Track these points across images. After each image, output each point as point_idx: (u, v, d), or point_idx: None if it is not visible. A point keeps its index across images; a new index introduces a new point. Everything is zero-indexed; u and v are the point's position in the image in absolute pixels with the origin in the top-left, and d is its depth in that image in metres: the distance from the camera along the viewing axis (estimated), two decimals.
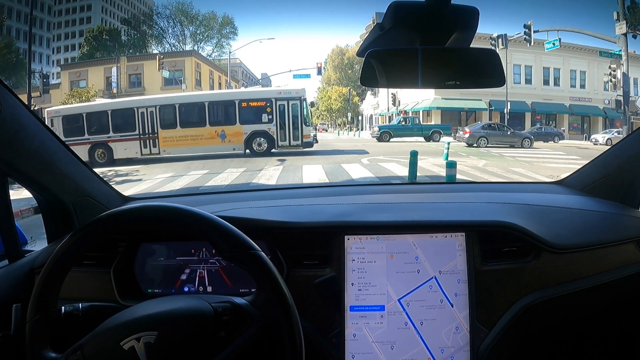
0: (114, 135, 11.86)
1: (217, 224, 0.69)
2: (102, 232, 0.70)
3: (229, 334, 0.66)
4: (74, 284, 0.89)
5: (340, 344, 0.92)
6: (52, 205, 1.04)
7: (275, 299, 0.67)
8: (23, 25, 30.87)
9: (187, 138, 11.95)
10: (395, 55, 0.76)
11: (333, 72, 37.80)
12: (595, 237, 1.00)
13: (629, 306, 1.06)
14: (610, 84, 15.81)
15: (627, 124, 15.47)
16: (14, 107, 0.81)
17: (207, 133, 12.00)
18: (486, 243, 0.96)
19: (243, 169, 8.67)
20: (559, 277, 0.96)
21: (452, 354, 0.92)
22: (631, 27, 14.95)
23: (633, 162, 1.12)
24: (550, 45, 17.56)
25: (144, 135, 11.98)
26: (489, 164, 9.34)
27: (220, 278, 1.00)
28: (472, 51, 0.76)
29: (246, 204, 1.13)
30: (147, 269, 1.01)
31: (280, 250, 0.96)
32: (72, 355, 0.65)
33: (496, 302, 0.94)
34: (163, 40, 32.08)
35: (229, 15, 37.92)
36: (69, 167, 1.01)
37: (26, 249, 1.08)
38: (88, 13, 36.60)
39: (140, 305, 0.70)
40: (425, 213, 1.03)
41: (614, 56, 15.99)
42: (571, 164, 9.14)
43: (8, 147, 0.83)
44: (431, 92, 21.24)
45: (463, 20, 0.73)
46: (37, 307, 0.67)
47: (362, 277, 0.94)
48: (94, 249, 0.80)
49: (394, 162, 9.33)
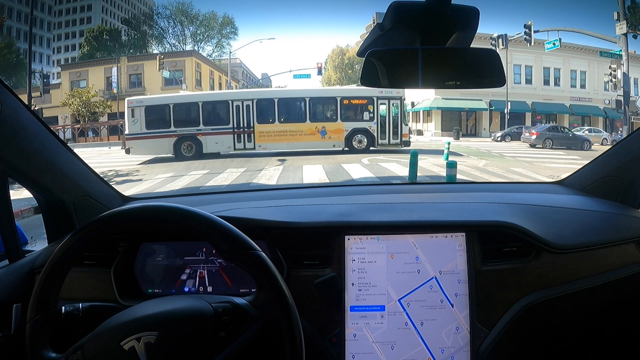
0: (204, 128, 11.60)
1: (217, 224, 0.69)
2: (102, 232, 0.70)
3: (229, 334, 0.66)
4: (74, 284, 0.89)
5: (341, 344, 0.92)
6: (52, 205, 1.04)
7: (275, 299, 0.67)
8: (23, 25, 30.89)
9: (285, 133, 11.82)
10: (396, 55, 0.76)
11: (333, 72, 37.77)
12: (595, 237, 1.00)
13: (629, 306, 1.06)
14: (611, 84, 15.82)
15: (627, 124, 15.47)
16: (14, 107, 0.81)
17: (307, 129, 11.89)
18: (486, 243, 0.96)
19: (243, 169, 8.67)
20: (559, 277, 0.96)
21: (452, 354, 0.92)
22: (631, 27, 14.94)
23: (633, 162, 1.12)
24: (550, 45, 17.56)
25: (238, 129, 11.75)
26: (489, 164, 9.34)
27: (220, 278, 1.00)
28: (472, 51, 0.76)
29: (246, 204, 1.13)
30: (147, 269, 1.01)
31: (280, 250, 0.96)
32: (72, 355, 0.65)
33: (496, 302, 0.94)
34: (163, 40, 32.11)
35: (229, 15, 37.95)
36: (69, 167, 1.01)
37: (26, 249, 1.08)
38: (88, 13, 36.62)
39: (140, 305, 0.70)
40: (426, 213, 1.03)
41: (614, 56, 15.99)
42: (571, 164, 9.14)
43: (8, 147, 0.83)
44: (431, 92, 21.22)
45: (463, 20, 0.73)
46: (37, 307, 0.67)
47: (363, 277, 0.94)
48: (94, 249, 0.80)
49: (394, 162, 9.33)
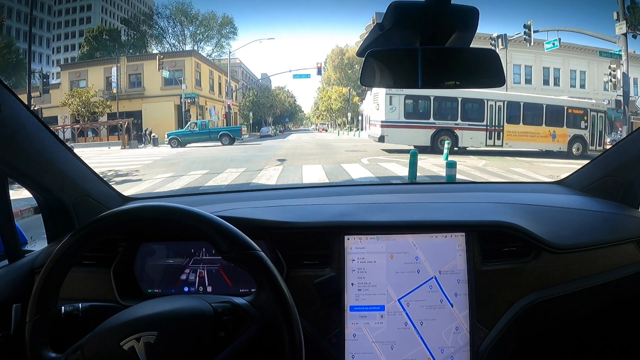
0: (461, 123, 12.31)
1: (217, 224, 0.69)
2: (102, 232, 0.70)
3: (229, 334, 0.66)
4: (74, 284, 0.89)
5: (340, 344, 0.92)
6: (52, 205, 1.04)
7: (275, 299, 0.67)
8: (23, 25, 30.86)
9: (527, 134, 12.84)
10: (395, 55, 0.76)
11: (333, 72, 37.72)
12: (595, 237, 1.00)
13: (629, 306, 1.06)
14: (610, 84, 15.82)
15: (627, 124, 15.48)
16: (14, 107, 0.81)
17: (542, 131, 12.99)
18: (486, 243, 0.96)
19: (243, 169, 8.67)
20: (559, 277, 0.96)
21: (452, 354, 0.92)
22: (631, 27, 14.96)
23: (633, 162, 1.12)
24: (550, 45, 17.57)
25: (490, 126, 12.63)
26: (489, 164, 9.34)
27: (220, 278, 1.00)
28: (472, 51, 0.76)
29: (246, 204, 1.13)
30: (147, 269, 1.01)
31: (280, 250, 0.96)
32: (72, 355, 0.65)
33: (496, 302, 0.94)
34: (163, 40, 32.05)
35: (228, 15, 37.87)
36: (69, 167, 1.01)
37: (26, 249, 1.08)
38: (88, 13, 36.57)
39: (140, 305, 0.70)
40: (425, 213, 1.03)
41: (614, 56, 15.99)
42: (571, 164, 9.14)
43: (8, 147, 0.83)
44: (431, 92, 21.21)
45: (463, 20, 0.73)
46: (37, 307, 0.67)
47: (362, 277, 0.94)
48: (93, 249, 0.80)
49: (393, 162, 9.32)
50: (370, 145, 13.78)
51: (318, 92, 38.68)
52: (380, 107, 12.33)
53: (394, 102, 11.89)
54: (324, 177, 7.42)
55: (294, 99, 42.50)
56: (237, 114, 29.57)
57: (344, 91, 35.05)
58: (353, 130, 29.51)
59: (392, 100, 11.87)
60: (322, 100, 36.31)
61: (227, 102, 24.75)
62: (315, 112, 38.78)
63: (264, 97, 33.92)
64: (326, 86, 37.91)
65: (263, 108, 33.10)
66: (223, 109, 24.92)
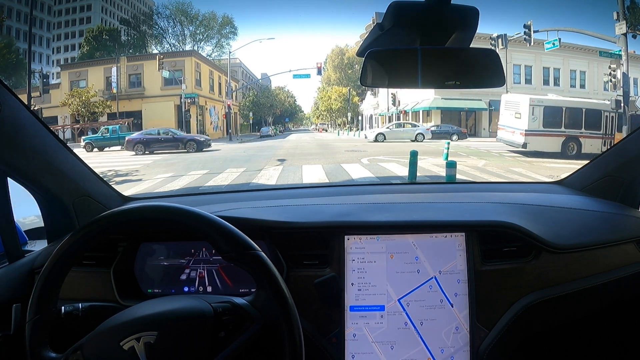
0: (585, 131, 13.12)
1: (217, 224, 0.69)
2: (102, 232, 0.70)
3: (229, 334, 0.66)
4: (74, 284, 0.89)
5: (340, 344, 0.92)
6: (52, 205, 1.04)
7: (275, 299, 0.67)
8: (23, 25, 30.83)
9: None
10: (395, 55, 0.76)
11: (333, 72, 37.69)
12: (595, 237, 1.00)
13: (629, 306, 1.06)
14: (610, 84, 15.81)
15: (627, 124, 15.47)
16: (14, 107, 0.81)
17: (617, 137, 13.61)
18: (486, 243, 0.96)
19: (243, 169, 8.66)
20: (559, 277, 0.96)
21: (452, 354, 0.92)
22: (631, 27, 14.96)
23: (633, 162, 1.12)
24: (550, 45, 17.57)
25: (605, 135, 13.48)
26: (489, 164, 9.33)
27: (220, 278, 1.00)
28: (472, 51, 0.76)
29: (246, 204, 1.13)
30: (147, 269, 1.01)
31: (280, 250, 0.96)
32: (72, 355, 0.65)
33: (496, 302, 0.94)
34: (163, 40, 32.02)
35: (228, 15, 37.81)
36: (69, 167, 1.01)
37: (26, 249, 1.08)
38: (88, 13, 36.55)
39: (140, 305, 0.70)
40: (425, 213, 1.03)
41: (614, 56, 15.98)
42: (571, 164, 9.14)
43: (8, 147, 0.83)
44: (431, 92, 21.14)
45: (463, 20, 0.73)
46: (37, 307, 0.68)
47: (362, 277, 0.94)
48: (93, 249, 0.80)
49: (393, 162, 9.32)
50: (370, 146, 13.78)
51: (318, 92, 38.64)
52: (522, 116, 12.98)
53: (535, 112, 12.56)
54: (324, 177, 7.42)
55: (294, 99, 42.45)
56: (237, 114, 29.56)
57: (344, 91, 35.04)
58: (353, 130, 29.50)
59: (534, 111, 12.55)
60: (322, 100, 36.28)
61: (227, 102, 24.72)
62: (315, 112, 38.72)
63: (264, 97, 33.89)
64: (326, 86, 37.88)
65: (263, 108, 33.07)
66: (223, 109, 24.91)
